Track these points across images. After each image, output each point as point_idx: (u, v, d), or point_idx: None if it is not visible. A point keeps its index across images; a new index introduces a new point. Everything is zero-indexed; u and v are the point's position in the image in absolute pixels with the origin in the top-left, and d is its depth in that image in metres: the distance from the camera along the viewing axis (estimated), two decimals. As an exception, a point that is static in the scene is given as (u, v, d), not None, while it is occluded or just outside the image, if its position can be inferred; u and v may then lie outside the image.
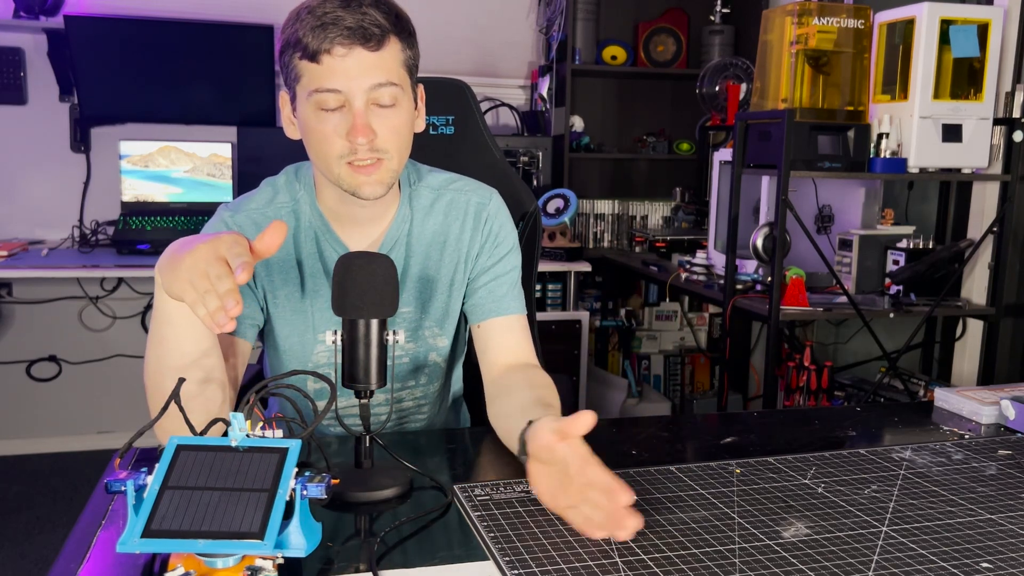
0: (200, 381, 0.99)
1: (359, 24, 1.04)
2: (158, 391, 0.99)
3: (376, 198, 1.12)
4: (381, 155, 1.09)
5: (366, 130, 1.06)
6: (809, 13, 2.25)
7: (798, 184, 2.37)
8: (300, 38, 1.05)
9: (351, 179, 1.09)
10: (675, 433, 1.22)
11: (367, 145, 1.07)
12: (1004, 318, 2.36)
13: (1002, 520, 0.91)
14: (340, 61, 1.05)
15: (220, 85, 3.22)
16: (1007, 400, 1.24)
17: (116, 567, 0.78)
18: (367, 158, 1.08)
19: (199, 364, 0.99)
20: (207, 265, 0.85)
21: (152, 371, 1.01)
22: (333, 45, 1.04)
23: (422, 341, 1.25)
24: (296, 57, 1.07)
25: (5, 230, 3.21)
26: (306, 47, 1.05)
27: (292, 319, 1.20)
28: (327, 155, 1.09)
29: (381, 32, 1.06)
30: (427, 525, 0.89)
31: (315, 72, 1.06)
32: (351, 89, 1.06)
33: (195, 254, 0.86)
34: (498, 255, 1.26)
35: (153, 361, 1.00)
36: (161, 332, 0.98)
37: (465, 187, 1.27)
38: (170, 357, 0.99)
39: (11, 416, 3.33)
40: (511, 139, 3.39)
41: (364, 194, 1.10)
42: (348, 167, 1.09)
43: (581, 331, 2.97)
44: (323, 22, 1.04)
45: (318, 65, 1.05)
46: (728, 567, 0.79)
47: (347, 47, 1.04)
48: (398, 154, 1.12)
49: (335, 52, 1.04)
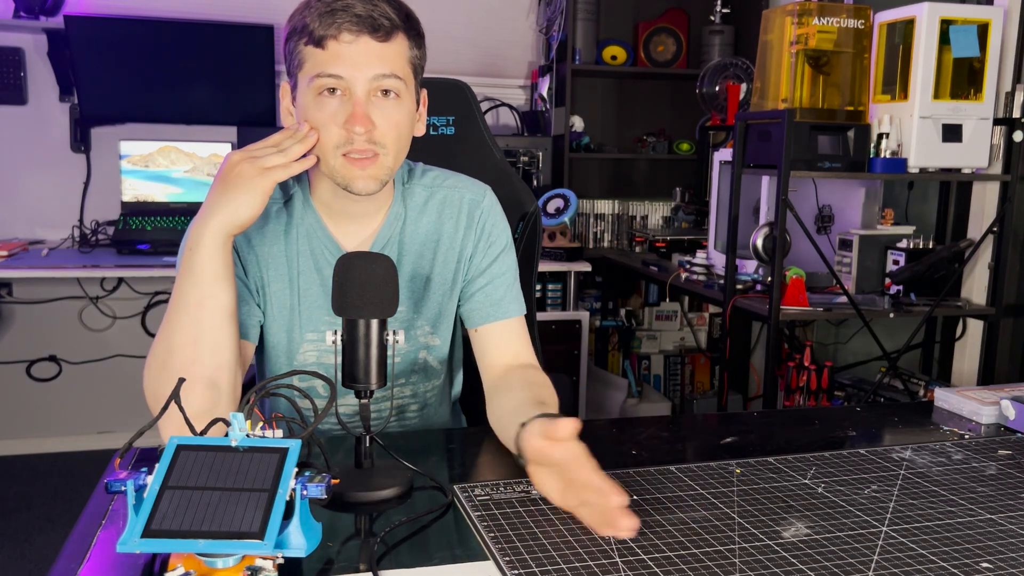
0: (210, 386, 1.00)
1: (369, 13, 1.04)
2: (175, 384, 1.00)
3: (368, 194, 1.11)
4: (377, 149, 1.08)
5: (365, 119, 1.06)
6: (809, 13, 2.25)
7: (798, 184, 2.37)
8: (307, 24, 1.05)
9: (345, 171, 1.08)
10: (675, 433, 1.22)
11: (364, 136, 1.06)
12: (1004, 318, 2.36)
13: (1002, 520, 0.91)
14: (346, 47, 1.04)
15: (220, 85, 3.22)
16: (1007, 400, 1.24)
17: (116, 567, 0.78)
18: (364, 150, 1.07)
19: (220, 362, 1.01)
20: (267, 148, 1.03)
21: (174, 365, 1.01)
22: (340, 31, 1.04)
23: (414, 341, 1.25)
24: (301, 43, 1.07)
25: (5, 230, 3.21)
26: (312, 32, 1.05)
27: (280, 315, 1.19)
28: (323, 144, 1.08)
29: (390, 24, 1.06)
30: (427, 525, 0.89)
31: (319, 57, 1.06)
32: (354, 76, 1.05)
33: (240, 154, 1.03)
34: (492, 255, 1.25)
35: (184, 353, 1.01)
36: (197, 315, 1.01)
37: (458, 184, 1.26)
38: (204, 346, 1.01)
39: (11, 416, 3.33)
40: (511, 139, 3.39)
41: (356, 188, 1.09)
42: (343, 158, 1.08)
43: (581, 331, 2.97)
44: (332, 8, 1.04)
45: (323, 50, 1.05)
46: (728, 567, 0.79)
47: (355, 34, 1.04)
48: (395, 151, 1.11)
49: (342, 38, 1.04)
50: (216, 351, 1.01)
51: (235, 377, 1.05)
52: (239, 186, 1.00)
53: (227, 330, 1.03)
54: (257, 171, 1.00)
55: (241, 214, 1.01)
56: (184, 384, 0.82)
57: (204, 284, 1.01)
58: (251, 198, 1.00)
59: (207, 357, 1.01)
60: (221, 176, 1.02)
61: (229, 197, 1.00)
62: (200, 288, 1.01)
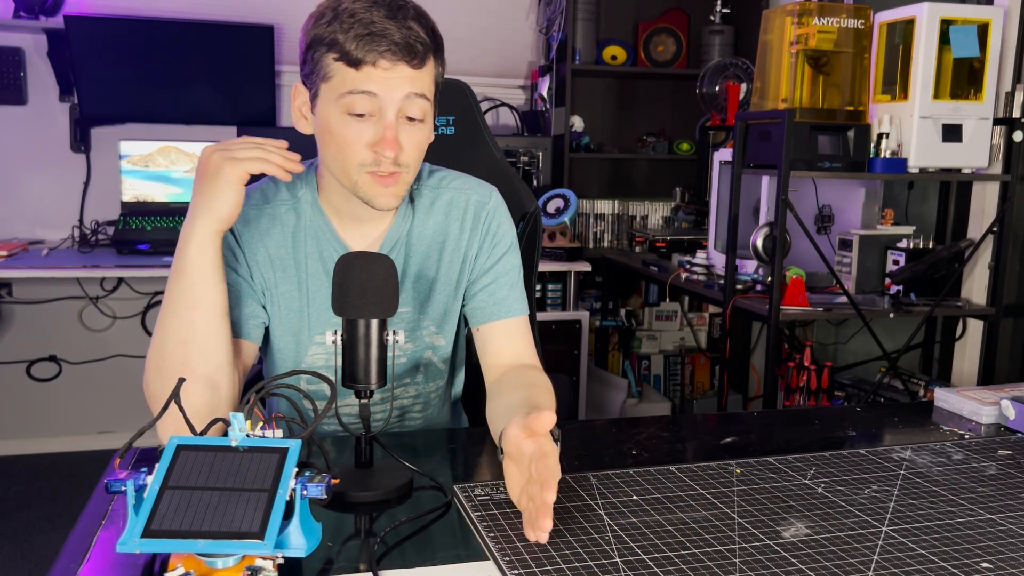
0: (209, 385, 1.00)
1: (406, 40, 1.04)
2: None
3: (389, 209, 1.14)
4: (400, 169, 1.09)
5: (395, 144, 1.07)
6: (809, 13, 2.25)
7: (798, 184, 2.37)
8: (341, 41, 1.04)
9: (369, 189, 1.09)
10: (675, 433, 1.22)
11: (392, 159, 1.07)
12: (1004, 318, 2.36)
13: (1002, 520, 0.91)
14: (382, 73, 1.05)
15: (220, 85, 3.22)
16: (1007, 400, 1.24)
17: (116, 567, 0.78)
18: (388, 170, 1.08)
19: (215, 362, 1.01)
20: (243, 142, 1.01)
21: (168, 367, 1.01)
22: (379, 58, 1.04)
23: (420, 341, 1.25)
24: (330, 57, 1.06)
25: (5, 230, 3.21)
26: (348, 53, 1.04)
27: (288, 318, 1.19)
28: (347, 161, 1.08)
29: (424, 50, 1.07)
30: (427, 525, 0.89)
31: (351, 76, 1.05)
32: (386, 99, 1.06)
33: (211, 148, 1.02)
34: (496, 255, 1.25)
35: (173, 354, 1.01)
36: (189, 317, 1.00)
37: (464, 185, 1.26)
38: (195, 348, 1.00)
39: (11, 416, 3.33)
40: (511, 139, 3.39)
41: (379, 205, 1.11)
42: (368, 176, 1.09)
43: (581, 331, 2.97)
44: (371, 32, 1.03)
45: (356, 71, 1.05)
46: (728, 567, 0.79)
47: (392, 62, 1.05)
48: (415, 168, 1.13)
49: (380, 64, 1.04)
50: (210, 351, 1.01)
51: (232, 377, 1.05)
52: (213, 179, 1.01)
53: (221, 330, 1.03)
54: (227, 161, 1.00)
55: (220, 208, 1.01)
56: (183, 384, 0.82)
57: (195, 285, 1.01)
58: (225, 189, 1.00)
59: (201, 358, 1.01)
60: (198, 174, 1.03)
61: (207, 194, 1.01)
62: (191, 290, 1.01)
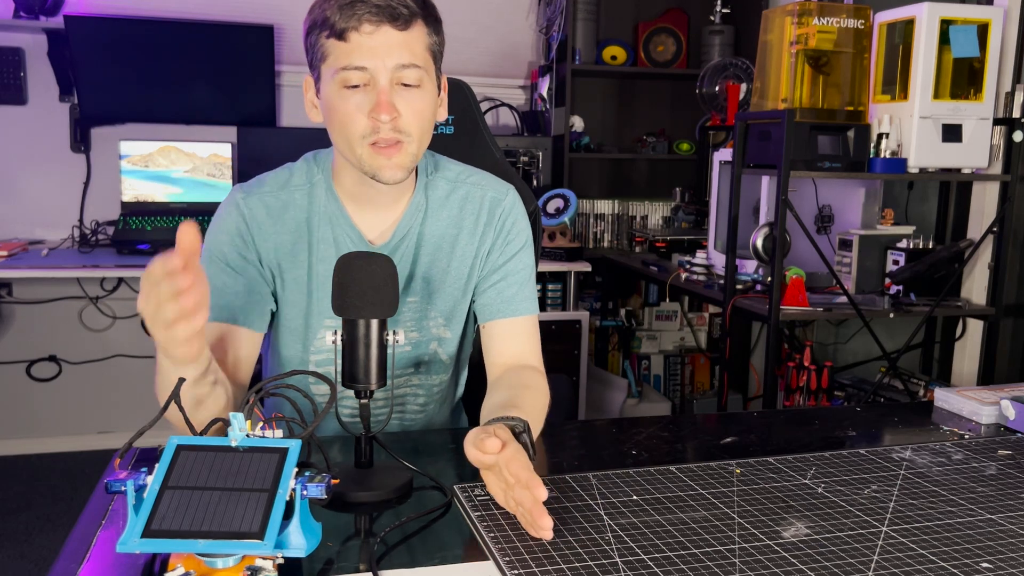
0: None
1: (387, 3, 1.05)
2: None
3: (396, 183, 1.12)
4: (402, 137, 1.09)
5: (389, 108, 1.07)
6: (809, 13, 2.25)
7: (798, 184, 2.37)
8: (327, 17, 1.06)
9: (372, 160, 1.10)
10: (675, 433, 1.22)
11: (390, 124, 1.07)
12: (1004, 318, 2.36)
13: (1002, 520, 0.91)
14: (367, 38, 1.06)
15: (220, 85, 3.22)
16: (1007, 400, 1.24)
17: (116, 567, 0.78)
18: (389, 138, 1.08)
19: None
20: None
21: None
22: (361, 22, 1.05)
23: (426, 332, 1.25)
24: (323, 36, 1.08)
25: (5, 230, 3.21)
26: (333, 25, 1.06)
27: (298, 301, 1.20)
28: (349, 134, 1.09)
29: (409, 13, 1.07)
30: (427, 525, 0.89)
31: (342, 50, 1.07)
32: (377, 67, 1.06)
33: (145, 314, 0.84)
34: (509, 252, 1.25)
35: None
36: None
37: (482, 181, 1.27)
38: None
39: (11, 416, 3.33)
40: (511, 139, 3.39)
41: (384, 178, 1.11)
42: (370, 148, 1.09)
43: (581, 331, 2.97)
44: (351, 0, 1.05)
45: (345, 43, 1.06)
46: (728, 567, 0.79)
47: (375, 24, 1.05)
48: (419, 138, 1.12)
49: (363, 29, 1.05)
50: (210, 412, 0.99)
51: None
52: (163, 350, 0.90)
53: (216, 394, 0.99)
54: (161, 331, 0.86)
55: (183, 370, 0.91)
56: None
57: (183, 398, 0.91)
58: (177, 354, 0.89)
59: (204, 414, 0.98)
60: None
61: (166, 361, 0.91)
62: None
